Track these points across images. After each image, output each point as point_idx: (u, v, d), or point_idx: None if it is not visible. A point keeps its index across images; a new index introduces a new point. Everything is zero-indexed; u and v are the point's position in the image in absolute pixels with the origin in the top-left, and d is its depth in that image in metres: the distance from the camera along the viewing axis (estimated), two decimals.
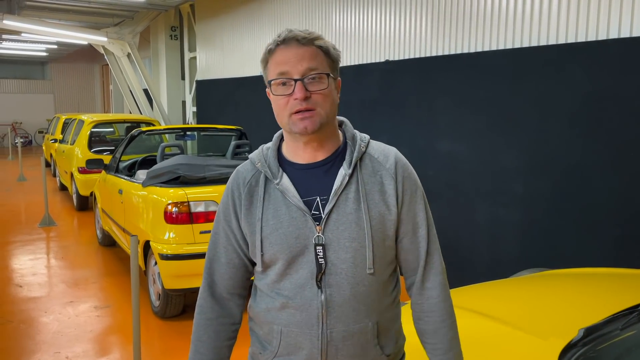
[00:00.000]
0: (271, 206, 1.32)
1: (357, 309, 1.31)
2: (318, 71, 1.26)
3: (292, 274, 1.31)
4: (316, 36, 1.29)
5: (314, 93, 1.26)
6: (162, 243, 4.06)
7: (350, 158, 1.32)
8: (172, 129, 6.38)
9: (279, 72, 1.27)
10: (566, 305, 2.18)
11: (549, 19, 3.86)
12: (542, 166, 3.91)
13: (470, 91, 4.45)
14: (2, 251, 6.21)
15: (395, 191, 1.33)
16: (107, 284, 5.09)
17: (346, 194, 1.30)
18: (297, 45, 1.26)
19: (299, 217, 1.29)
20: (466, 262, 4.55)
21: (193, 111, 11.39)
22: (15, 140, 17.75)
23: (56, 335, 3.97)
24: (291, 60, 1.25)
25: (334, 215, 1.29)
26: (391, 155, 1.37)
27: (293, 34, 1.27)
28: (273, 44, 1.29)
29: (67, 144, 9.37)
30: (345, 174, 1.30)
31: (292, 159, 1.35)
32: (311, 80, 1.26)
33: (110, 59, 11.85)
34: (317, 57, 1.27)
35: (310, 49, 1.27)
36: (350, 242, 1.29)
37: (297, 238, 1.29)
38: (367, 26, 5.76)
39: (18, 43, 15.86)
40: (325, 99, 1.27)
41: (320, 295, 1.29)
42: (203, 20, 10.27)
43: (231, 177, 1.42)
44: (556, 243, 3.84)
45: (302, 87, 1.24)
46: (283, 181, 1.32)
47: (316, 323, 1.29)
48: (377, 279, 1.32)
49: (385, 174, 1.34)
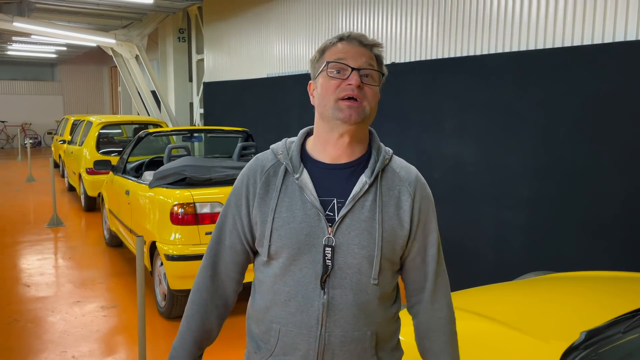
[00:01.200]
0: (287, 199, 1.32)
1: (358, 316, 1.30)
2: (374, 67, 1.31)
3: (296, 271, 1.30)
4: (378, 43, 1.34)
5: (366, 85, 1.29)
6: (168, 244, 4.09)
7: (373, 167, 1.34)
8: (179, 131, 6.42)
9: (337, 59, 1.30)
10: (569, 308, 2.18)
11: (555, 21, 3.86)
12: (547, 169, 3.90)
13: (476, 94, 4.45)
14: (11, 251, 6.27)
15: (411, 209, 1.34)
16: (114, 284, 5.13)
17: (363, 201, 1.30)
18: (359, 44, 1.32)
19: (312, 215, 1.30)
20: (471, 265, 4.55)
21: (200, 113, 11.45)
22: (24, 141, 17.89)
23: (63, 334, 4.01)
24: (352, 52, 1.30)
25: (347, 220, 1.29)
26: (412, 173, 1.39)
27: (357, 34, 1.33)
28: (334, 39, 1.34)
29: (75, 145, 9.45)
30: (366, 182, 1.31)
31: (316, 157, 1.36)
32: (367, 72, 1.29)
33: (119, 61, 11.95)
34: (373, 60, 1.32)
35: (368, 52, 1.32)
36: (359, 248, 1.29)
37: (307, 235, 1.29)
38: (373, 29, 5.78)
39: (28, 45, 16.01)
40: (374, 96, 1.31)
41: (323, 297, 1.29)
42: (211, 23, 10.33)
43: (249, 163, 1.43)
44: (561, 246, 3.83)
45: (357, 75, 1.28)
46: (303, 177, 1.32)
47: (315, 324, 1.29)
48: (379, 290, 1.32)
49: (403, 189, 1.35)
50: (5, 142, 20.59)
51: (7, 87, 21.10)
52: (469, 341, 1.99)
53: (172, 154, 5.32)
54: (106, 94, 23.01)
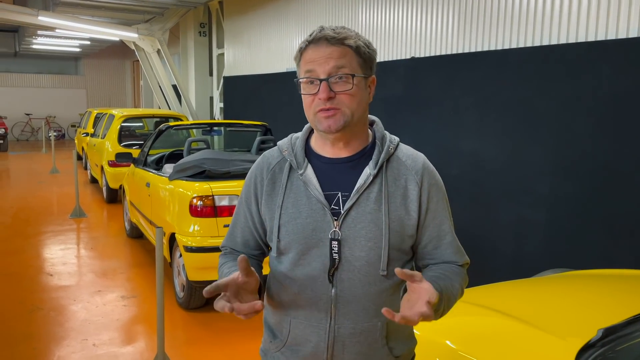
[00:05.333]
0: (292, 195, 1.33)
1: (367, 307, 1.31)
2: (345, 71, 1.25)
3: (305, 265, 1.32)
4: (345, 36, 1.27)
5: (339, 93, 1.25)
6: (187, 235, 4.15)
7: (377, 158, 1.33)
8: (199, 124, 6.48)
9: (306, 71, 1.28)
10: (587, 306, 2.16)
11: (578, 15, 3.79)
12: (568, 166, 3.85)
13: (496, 89, 4.40)
14: (35, 241, 6.42)
15: (419, 197, 1.33)
16: (134, 275, 5.21)
17: (368, 193, 1.30)
18: (327, 44, 1.26)
19: (318, 209, 1.30)
20: (489, 262, 4.51)
21: (220, 107, 11.52)
22: (49, 134, 18.23)
23: (84, 323, 4.09)
24: (318, 59, 1.26)
25: (353, 213, 1.29)
26: (419, 161, 1.37)
27: (323, 33, 1.27)
28: (304, 43, 1.30)
29: (98, 137, 9.61)
30: (370, 174, 1.31)
31: (319, 152, 1.37)
32: (337, 80, 1.25)
33: (141, 55, 12.07)
34: (345, 56, 1.26)
35: (339, 49, 1.26)
36: (366, 241, 1.29)
37: (313, 230, 1.30)
38: (393, 23, 5.75)
39: (53, 39, 16.28)
40: (352, 99, 1.27)
41: (331, 290, 1.30)
42: (231, 17, 10.38)
43: (257, 161, 1.45)
44: (581, 244, 3.78)
45: (326, 87, 1.24)
46: (307, 172, 1.33)
47: (325, 317, 1.31)
48: (389, 281, 1.32)
49: (410, 178, 1.34)
50: (30, 134, 21.01)
51: (32, 80, 21.49)
52: (484, 337, 1.99)
53: (191, 147, 5.38)
54: (129, 87, 23.29)
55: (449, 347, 1.94)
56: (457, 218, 1.43)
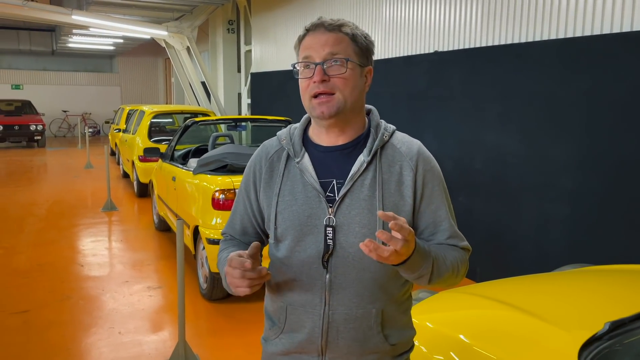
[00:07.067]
0: (289, 182, 1.37)
1: (361, 294, 1.32)
2: (339, 56, 1.29)
3: (300, 252, 1.34)
4: (343, 23, 1.31)
5: (333, 77, 1.29)
6: (209, 228, 4.24)
7: (371, 146, 1.34)
8: (224, 120, 6.58)
9: (304, 57, 1.32)
10: (597, 300, 2.13)
11: (603, 7, 3.71)
12: (592, 160, 3.78)
13: (520, 83, 4.34)
14: (68, 233, 6.65)
15: (414, 183, 1.34)
16: (161, 267, 5.35)
17: (362, 180, 1.32)
18: (324, 31, 1.30)
19: (313, 197, 1.33)
20: (511, 256, 4.47)
21: (248, 103, 11.65)
22: (84, 130, 18.76)
23: (111, 311, 4.24)
24: (315, 45, 1.30)
25: (347, 200, 1.31)
26: (414, 147, 1.38)
27: (321, 20, 1.32)
28: (303, 31, 1.34)
29: (129, 133, 9.85)
30: (364, 161, 1.33)
31: (316, 141, 1.40)
32: (332, 64, 1.29)
33: (171, 53, 12.31)
34: (341, 42, 1.30)
35: (335, 35, 1.30)
36: (360, 227, 1.30)
37: (309, 217, 1.33)
38: (416, 17, 5.72)
39: (87, 37, 16.74)
40: (346, 83, 1.29)
41: (326, 276, 1.32)
42: (258, 14, 10.48)
43: (256, 150, 1.49)
44: (605, 239, 3.71)
45: (320, 70, 1.28)
46: (303, 160, 1.36)
47: (319, 303, 1.33)
48: (383, 268, 1.31)
49: (405, 164, 1.35)
50: (67, 130, 21.69)
51: (68, 78, 22.15)
52: (493, 329, 1.99)
53: (216, 142, 5.48)
54: (161, 84, 23.75)
55: (462, 340, 1.95)
56: (478, 212, 1.44)
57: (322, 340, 1.34)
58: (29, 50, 20.43)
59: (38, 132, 16.73)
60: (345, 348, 1.34)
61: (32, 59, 21.76)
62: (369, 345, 1.35)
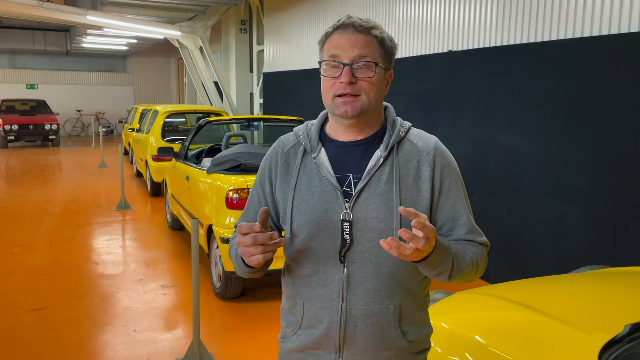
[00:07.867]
0: (305, 177, 1.37)
1: (379, 289, 1.32)
2: (368, 59, 1.29)
3: (317, 247, 1.34)
4: (373, 25, 1.31)
5: (360, 80, 1.29)
6: (223, 227, 4.26)
7: (387, 141, 1.35)
8: (237, 119, 6.61)
9: (331, 55, 1.32)
10: (616, 302, 2.11)
11: (621, 6, 3.67)
12: (608, 161, 3.74)
13: (535, 82, 4.31)
14: (83, 231, 6.71)
15: (431, 178, 1.34)
16: (174, 265, 5.39)
17: (379, 175, 1.32)
18: (353, 31, 1.30)
19: (330, 191, 1.33)
20: (526, 257, 4.43)
21: (260, 103, 11.68)
22: (98, 130, 18.93)
23: (126, 309, 4.27)
24: (344, 45, 1.30)
25: (364, 195, 1.31)
26: (431, 143, 1.38)
27: (351, 20, 1.31)
28: (331, 28, 1.34)
29: (143, 133, 9.92)
30: (381, 156, 1.33)
31: (333, 137, 1.40)
32: (360, 66, 1.29)
33: (184, 53, 12.38)
34: (370, 45, 1.30)
35: (365, 37, 1.30)
36: (377, 222, 1.30)
37: (325, 212, 1.33)
38: (430, 16, 5.70)
39: (101, 38, 16.89)
40: (371, 87, 1.30)
41: (343, 271, 1.32)
42: (271, 14, 10.50)
43: (273, 145, 1.49)
44: (622, 241, 3.67)
45: (349, 71, 1.28)
46: (320, 155, 1.37)
47: (336, 298, 1.33)
48: (402, 263, 1.30)
49: (422, 159, 1.35)
50: (81, 130, 21.88)
51: (82, 78, 22.36)
52: (510, 330, 1.98)
53: (229, 141, 5.50)
54: (173, 84, 23.90)
55: (478, 341, 1.94)
56: (493, 212, 1.43)
57: (340, 335, 1.34)
58: (44, 50, 20.67)
59: (52, 132, 16.90)
60: (362, 344, 1.34)
61: (46, 59, 22.01)
62: (386, 341, 1.35)
